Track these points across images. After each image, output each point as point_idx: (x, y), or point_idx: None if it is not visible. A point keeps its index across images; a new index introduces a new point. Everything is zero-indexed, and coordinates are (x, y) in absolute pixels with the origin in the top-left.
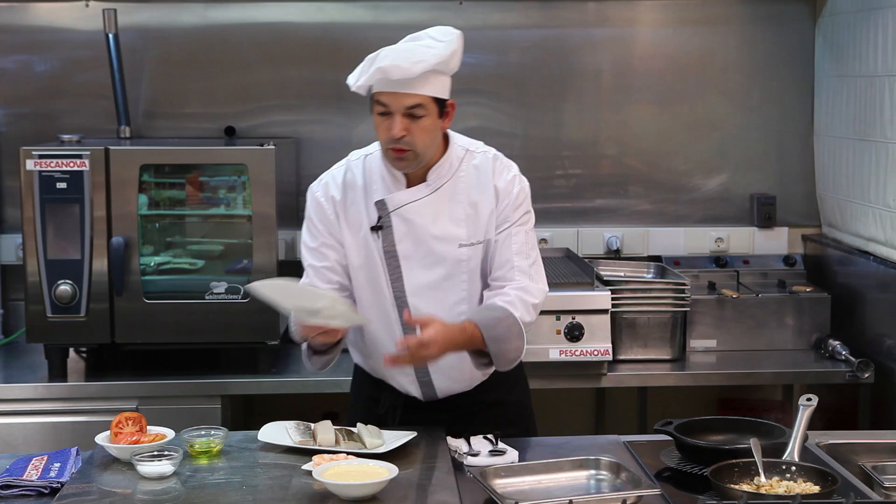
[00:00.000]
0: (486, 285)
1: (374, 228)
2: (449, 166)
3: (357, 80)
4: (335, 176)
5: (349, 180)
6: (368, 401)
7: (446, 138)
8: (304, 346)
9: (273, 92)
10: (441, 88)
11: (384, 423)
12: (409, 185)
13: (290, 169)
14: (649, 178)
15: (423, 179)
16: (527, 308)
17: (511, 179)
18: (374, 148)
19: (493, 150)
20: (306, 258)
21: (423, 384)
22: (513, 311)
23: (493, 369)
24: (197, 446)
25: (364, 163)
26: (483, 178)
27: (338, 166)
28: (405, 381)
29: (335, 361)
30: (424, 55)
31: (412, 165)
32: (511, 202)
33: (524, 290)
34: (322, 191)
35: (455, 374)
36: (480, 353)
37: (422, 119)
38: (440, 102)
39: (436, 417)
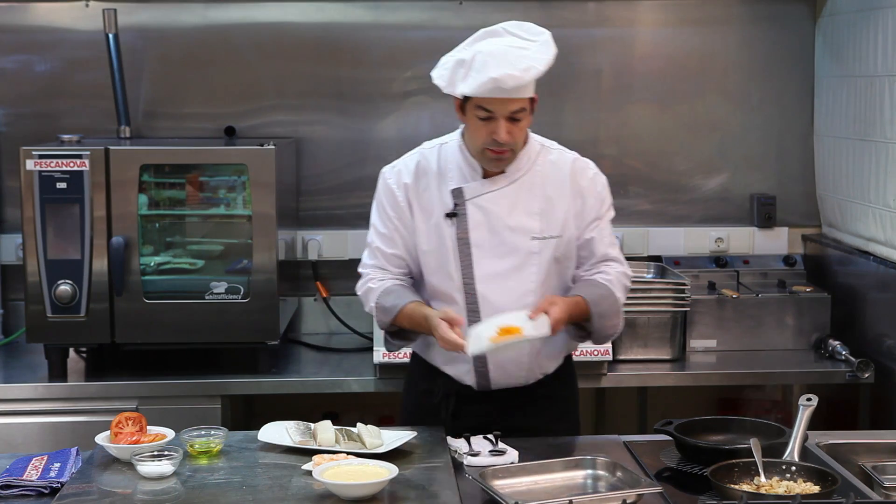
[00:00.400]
0: (559, 279)
1: (449, 215)
2: (527, 159)
3: (456, 86)
4: (408, 163)
5: (422, 167)
6: (422, 393)
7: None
8: (384, 333)
9: (273, 92)
10: (533, 88)
11: (437, 414)
12: (484, 176)
13: (290, 169)
14: (649, 178)
15: (500, 171)
16: (624, 289)
17: (593, 178)
18: (449, 138)
19: (566, 149)
20: (375, 241)
21: (479, 374)
22: (614, 290)
23: (571, 348)
24: (197, 446)
25: (439, 151)
26: (560, 176)
27: (410, 154)
28: (462, 371)
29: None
30: (533, 60)
31: (506, 164)
32: (596, 200)
33: (623, 274)
34: (395, 177)
35: (512, 369)
36: (579, 327)
37: (521, 121)
38: (531, 100)
39: (487, 408)
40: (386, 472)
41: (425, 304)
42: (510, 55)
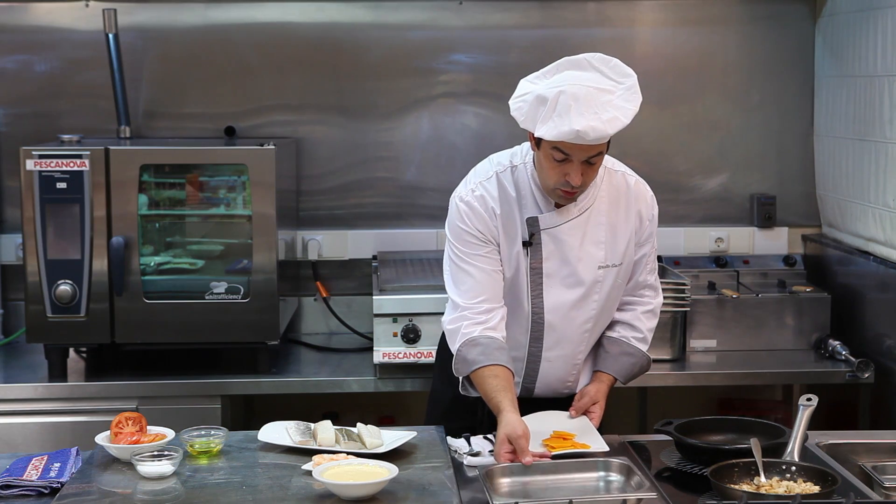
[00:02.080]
0: (614, 302)
1: (525, 244)
2: (594, 187)
3: (535, 126)
4: (489, 189)
5: (503, 194)
6: (465, 412)
7: None
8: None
9: (273, 92)
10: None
11: (473, 411)
12: (558, 205)
13: (290, 169)
14: (649, 178)
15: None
16: (652, 331)
17: (650, 203)
18: (519, 160)
19: (628, 169)
20: (465, 268)
21: (524, 388)
22: (644, 349)
23: None
24: (197, 446)
25: (513, 176)
26: (622, 200)
27: (486, 177)
28: None
29: None
30: (618, 110)
31: (574, 200)
32: (651, 224)
33: (652, 313)
34: (480, 203)
35: (556, 386)
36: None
37: (596, 164)
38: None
39: (524, 412)
40: (386, 472)
41: (504, 382)
42: (594, 101)
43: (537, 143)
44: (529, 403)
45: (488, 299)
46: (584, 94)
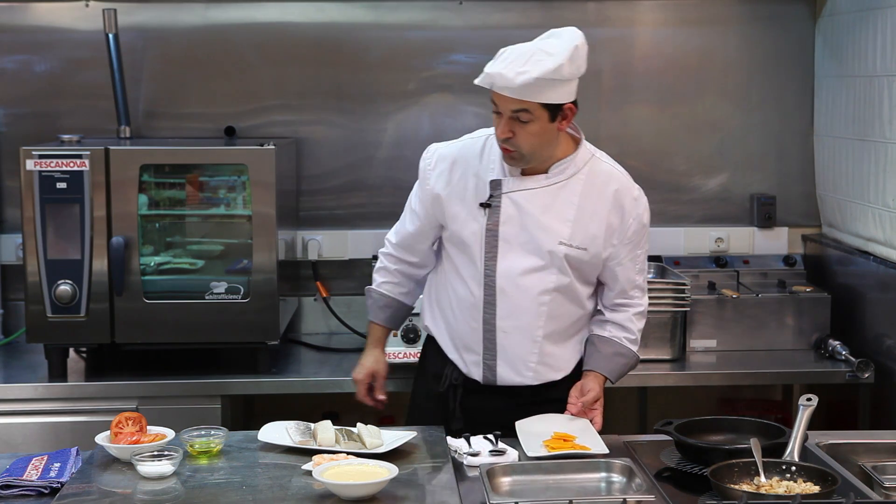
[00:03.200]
0: (575, 293)
1: (483, 205)
2: (573, 166)
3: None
4: (451, 146)
5: (465, 153)
6: (431, 379)
7: (577, 140)
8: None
9: (273, 92)
10: (553, 95)
11: (445, 403)
12: (527, 173)
13: (290, 169)
14: (649, 178)
15: (544, 171)
16: (642, 331)
17: (637, 199)
18: None
19: (621, 168)
20: (404, 215)
21: (486, 367)
22: (635, 350)
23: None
24: (197, 446)
25: (486, 141)
26: (604, 189)
27: (456, 140)
28: (470, 362)
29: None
30: (531, 67)
31: (520, 164)
32: (636, 222)
33: (641, 315)
34: (434, 160)
35: (520, 367)
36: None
37: (528, 124)
38: (554, 107)
39: (495, 405)
40: (386, 472)
41: (375, 334)
42: (527, 57)
43: None
44: (494, 392)
45: (403, 248)
46: (525, 49)
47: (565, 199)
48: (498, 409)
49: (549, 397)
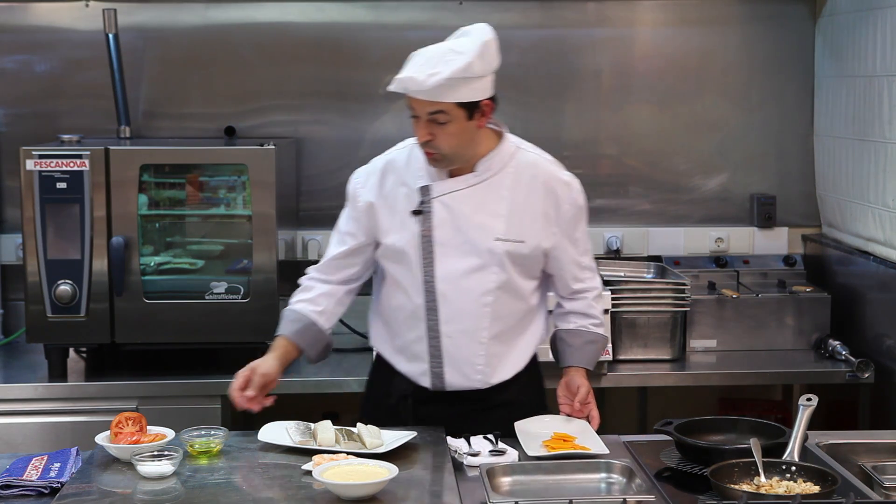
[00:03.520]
0: (519, 286)
1: (415, 212)
2: (499, 160)
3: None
4: (376, 164)
5: (391, 165)
6: (381, 395)
7: (499, 134)
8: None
9: (273, 92)
10: (468, 93)
11: (396, 415)
12: (454, 174)
13: (290, 169)
14: (649, 178)
15: (470, 169)
16: (603, 314)
17: (569, 183)
18: None
19: (549, 156)
20: (332, 238)
21: (434, 375)
22: (605, 334)
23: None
24: (197, 446)
25: (412, 150)
26: (533, 179)
27: (382, 154)
28: (418, 372)
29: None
30: (441, 67)
31: (444, 165)
32: (571, 206)
33: (599, 297)
34: (362, 178)
35: (468, 371)
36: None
37: (446, 125)
38: (470, 105)
39: (447, 412)
40: (386, 472)
41: (283, 348)
42: (438, 58)
43: None
44: (444, 400)
45: (327, 269)
46: (435, 51)
47: (495, 194)
48: (450, 415)
49: (502, 400)
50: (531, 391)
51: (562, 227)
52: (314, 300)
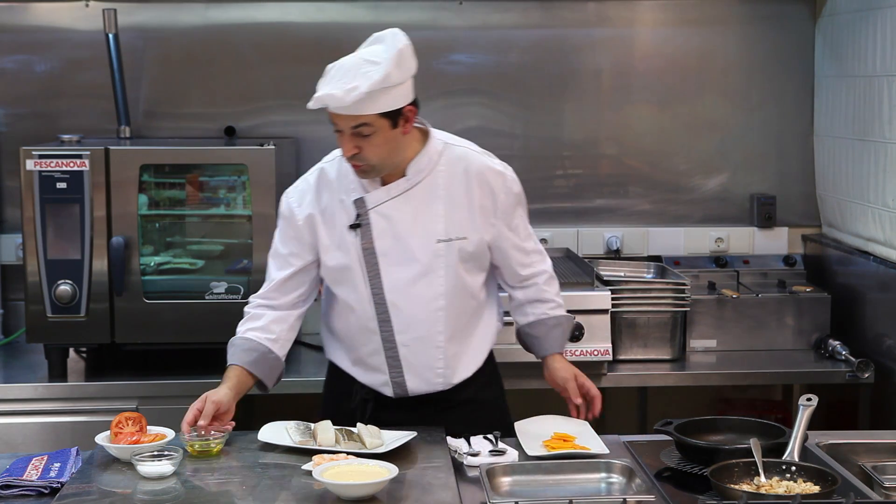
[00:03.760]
0: (468, 281)
1: (353, 226)
2: (428, 160)
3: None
4: (308, 179)
5: (323, 181)
6: (341, 396)
7: (425, 132)
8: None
9: (273, 92)
10: (389, 102)
11: (355, 419)
12: (386, 182)
13: (290, 169)
14: (649, 178)
15: (401, 174)
16: (560, 294)
17: (501, 172)
18: None
19: (476, 146)
20: (270, 266)
21: (395, 384)
22: (567, 313)
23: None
24: (197, 446)
25: (340, 163)
26: (465, 173)
27: (311, 171)
28: (377, 382)
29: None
30: (359, 81)
31: (373, 175)
32: (507, 195)
33: (551, 278)
34: (296, 198)
35: (429, 376)
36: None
37: (371, 136)
38: (393, 114)
39: (408, 416)
40: (386, 472)
41: (237, 378)
42: (354, 71)
43: None
44: (405, 404)
45: (273, 294)
46: (350, 64)
47: (430, 195)
48: (412, 419)
49: (463, 398)
50: (491, 387)
51: (500, 216)
52: (266, 328)
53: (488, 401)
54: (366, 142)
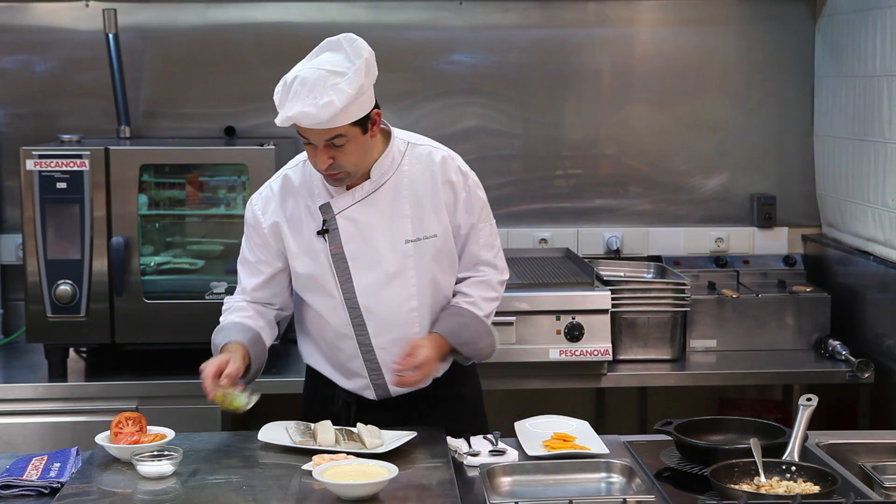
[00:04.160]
0: (440, 279)
1: (321, 232)
2: (391, 161)
3: (278, 113)
4: (272, 186)
5: (288, 188)
6: (323, 399)
7: (387, 133)
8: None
9: (273, 92)
10: (360, 110)
11: (337, 421)
12: (350, 185)
13: None
14: (649, 178)
15: (366, 177)
16: (490, 300)
17: (464, 172)
18: None
19: (435, 143)
20: (240, 273)
21: (377, 386)
22: (476, 312)
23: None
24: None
25: (304, 168)
26: (428, 171)
27: (275, 177)
28: (358, 387)
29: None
30: (337, 94)
31: (347, 181)
32: (468, 195)
33: (482, 283)
34: (261, 203)
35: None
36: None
37: (344, 146)
38: (363, 120)
39: (390, 415)
40: (386, 472)
41: (241, 346)
42: (321, 85)
43: None
44: (391, 403)
45: (247, 300)
46: (314, 77)
47: (397, 196)
48: (395, 419)
49: (445, 395)
50: (469, 385)
51: (461, 212)
52: (252, 317)
53: (467, 397)
54: (339, 151)
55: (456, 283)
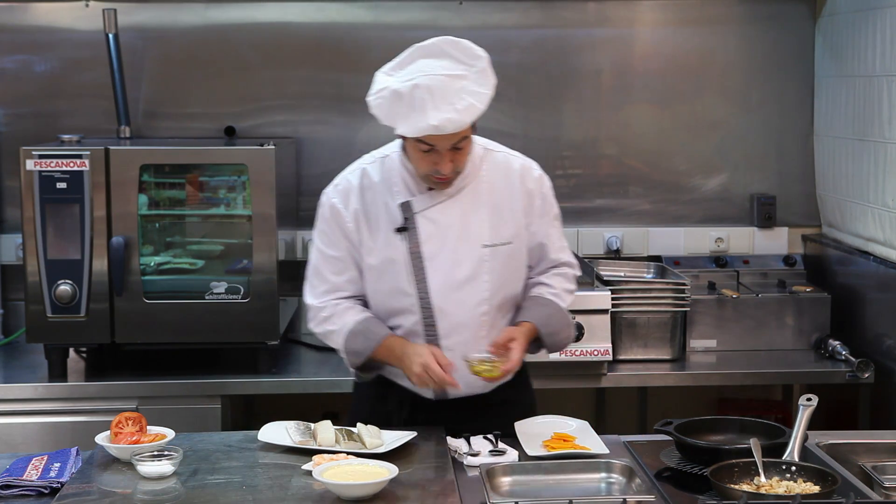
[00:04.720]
0: (512, 286)
1: (400, 230)
2: (472, 166)
3: (396, 124)
4: (350, 180)
5: (367, 183)
6: (376, 399)
7: None
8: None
9: (273, 92)
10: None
11: (389, 421)
12: (430, 187)
13: (290, 169)
14: (649, 178)
15: None
16: (570, 292)
17: (539, 178)
18: (389, 150)
19: (510, 150)
20: (322, 269)
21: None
22: (559, 303)
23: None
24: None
25: (381, 164)
26: (507, 178)
27: (351, 170)
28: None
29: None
30: (472, 96)
31: (451, 185)
32: (543, 201)
33: (563, 276)
34: (340, 197)
35: (471, 379)
36: (533, 341)
37: (463, 147)
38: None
39: (442, 416)
40: (386, 472)
41: (398, 341)
42: (448, 91)
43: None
44: (446, 404)
45: (343, 297)
46: (437, 84)
47: (476, 200)
48: (447, 419)
49: (499, 399)
50: (525, 392)
51: (534, 217)
52: (366, 310)
53: (521, 403)
54: (459, 154)
55: (538, 274)
